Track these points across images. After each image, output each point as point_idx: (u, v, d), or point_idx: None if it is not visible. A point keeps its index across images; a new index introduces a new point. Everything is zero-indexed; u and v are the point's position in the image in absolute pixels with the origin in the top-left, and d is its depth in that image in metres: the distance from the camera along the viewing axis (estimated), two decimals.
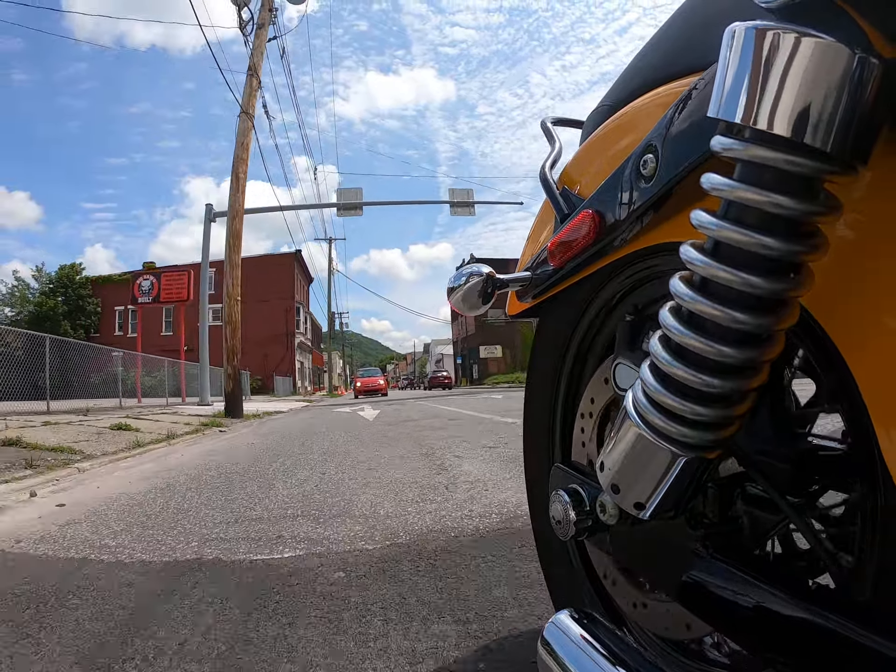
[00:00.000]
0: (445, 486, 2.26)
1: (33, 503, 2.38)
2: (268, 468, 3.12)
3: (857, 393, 0.34)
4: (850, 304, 0.34)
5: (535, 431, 0.77)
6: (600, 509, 0.50)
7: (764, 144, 0.30)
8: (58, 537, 1.77)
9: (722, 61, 0.32)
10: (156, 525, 1.88)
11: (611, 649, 0.47)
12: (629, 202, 0.49)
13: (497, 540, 1.50)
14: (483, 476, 2.43)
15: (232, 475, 2.95)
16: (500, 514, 1.77)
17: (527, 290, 0.67)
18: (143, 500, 2.37)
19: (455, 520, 1.74)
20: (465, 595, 1.14)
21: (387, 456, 3.31)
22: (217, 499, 2.30)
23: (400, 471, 2.73)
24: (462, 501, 1.98)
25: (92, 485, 2.86)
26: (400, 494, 2.16)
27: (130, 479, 3.04)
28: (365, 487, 2.36)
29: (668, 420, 0.38)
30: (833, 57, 0.28)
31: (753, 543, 0.46)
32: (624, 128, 0.56)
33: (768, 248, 0.31)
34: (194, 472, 3.17)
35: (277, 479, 2.72)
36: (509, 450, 3.15)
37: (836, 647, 0.33)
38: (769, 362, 0.36)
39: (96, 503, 2.33)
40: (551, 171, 0.68)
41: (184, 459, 3.86)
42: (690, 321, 0.36)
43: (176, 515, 2.02)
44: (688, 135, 0.41)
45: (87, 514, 2.11)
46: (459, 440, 3.87)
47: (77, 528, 1.90)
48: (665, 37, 0.54)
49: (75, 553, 1.59)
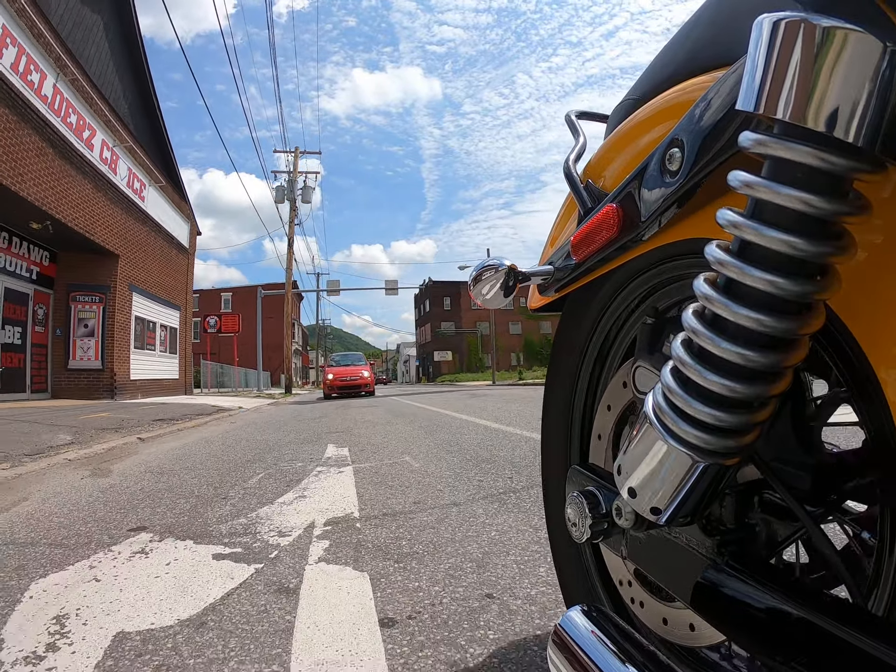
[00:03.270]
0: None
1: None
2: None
3: (882, 398, 0.33)
4: (877, 307, 0.34)
5: (553, 431, 0.76)
6: (616, 513, 0.49)
7: (794, 140, 0.30)
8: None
9: (751, 54, 0.31)
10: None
11: (622, 647, 0.46)
12: (654, 197, 0.48)
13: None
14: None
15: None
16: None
17: (549, 283, 0.66)
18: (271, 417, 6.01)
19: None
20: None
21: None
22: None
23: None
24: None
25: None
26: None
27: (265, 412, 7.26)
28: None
29: (688, 425, 0.37)
30: (864, 49, 0.27)
31: (769, 552, 0.46)
32: (650, 122, 0.55)
33: (796, 249, 0.31)
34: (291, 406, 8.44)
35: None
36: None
37: (852, 662, 0.32)
38: (792, 368, 0.35)
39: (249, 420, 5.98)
40: (575, 164, 0.67)
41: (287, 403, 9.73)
42: (714, 324, 0.35)
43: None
44: (715, 129, 0.40)
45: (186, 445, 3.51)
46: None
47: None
48: (692, 30, 0.53)
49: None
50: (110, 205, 9.88)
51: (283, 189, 19.69)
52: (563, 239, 0.66)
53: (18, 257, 8.68)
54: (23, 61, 7.42)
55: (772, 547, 0.45)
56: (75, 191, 8.67)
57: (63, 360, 9.66)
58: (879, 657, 0.30)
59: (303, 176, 20.33)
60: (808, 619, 0.35)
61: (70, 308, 9.76)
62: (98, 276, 9.97)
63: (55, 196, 8.05)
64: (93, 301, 9.93)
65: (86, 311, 9.88)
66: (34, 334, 9.09)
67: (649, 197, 0.48)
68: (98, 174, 9.38)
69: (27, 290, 8.97)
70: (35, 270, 9.15)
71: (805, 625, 0.35)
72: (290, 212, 19.63)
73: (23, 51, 7.41)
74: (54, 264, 9.67)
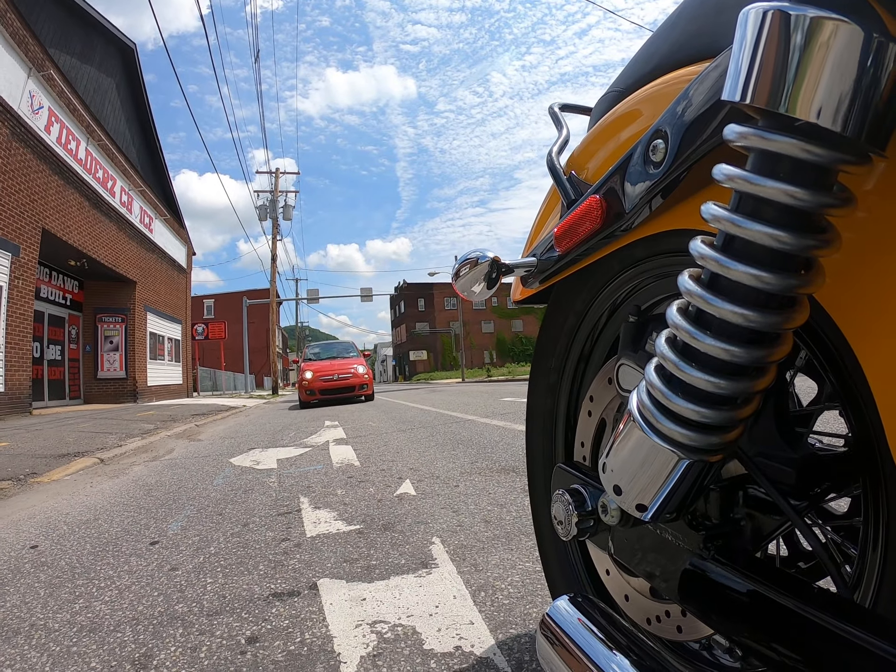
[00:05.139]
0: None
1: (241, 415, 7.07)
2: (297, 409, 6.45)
3: (868, 392, 0.33)
4: (863, 300, 0.33)
5: (538, 430, 0.77)
6: (602, 510, 0.50)
7: (779, 132, 0.30)
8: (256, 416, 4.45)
9: (737, 44, 0.31)
10: (282, 413, 4.55)
11: (609, 634, 0.47)
12: (637, 188, 0.47)
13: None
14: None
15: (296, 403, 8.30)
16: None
17: (532, 275, 0.66)
18: (273, 411, 6.93)
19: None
20: None
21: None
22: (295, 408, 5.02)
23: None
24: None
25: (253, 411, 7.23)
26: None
27: (265, 408, 8.32)
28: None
29: (672, 422, 0.37)
30: (850, 39, 0.27)
31: (755, 546, 0.46)
32: (633, 114, 0.55)
33: (781, 243, 0.31)
34: (283, 404, 9.61)
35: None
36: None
37: (838, 651, 0.32)
38: (777, 363, 0.35)
39: (259, 413, 7.23)
40: (558, 156, 0.67)
41: (278, 402, 10.24)
42: (698, 320, 0.35)
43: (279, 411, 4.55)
44: (700, 121, 0.40)
45: (232, 426, 4.59)
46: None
47: (260, 416, 5.09)
48: (676, 22, 0.52)
49: (263, 417, 5.48)
50: (129, 240, 11.86)
51: (266, 208, 21.72)
52: (547, 231, 0.66)
53: (56, 287, 10.60)
54: (64, 134, 9.36)
55: (757, 541, 0.46)
56: (105, 233, 10.65)
57: (93, 371, 11.63)
58: (866, 647, 0.30)
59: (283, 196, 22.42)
60: (794, 610, 0.35)
61: (97, 327, 11.73)
62: (119, 300, 11.95)
63: (91, 239, 10.03)
64: (116, 321, 11.91)
65: (110, 329, 11.86)
66: (69, 351, 11.03)
67: (633, 188, 0.48)
68: (119, 216, 11.36)
69: (63, 314, 10.89)
70: (69, 297, 11.08)
71: (791, 616, 0.35)
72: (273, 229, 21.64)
73: (63, 125, 9.36)
74: (82, 291, 11.61)
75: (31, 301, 7.90)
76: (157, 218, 13.87)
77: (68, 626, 1.15)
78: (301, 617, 1.10)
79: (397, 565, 1.36)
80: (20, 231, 7.62)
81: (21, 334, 7.60)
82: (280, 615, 1.12)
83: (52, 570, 1.53)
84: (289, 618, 1.10)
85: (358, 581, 1.27)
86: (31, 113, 8.14)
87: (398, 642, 0.97)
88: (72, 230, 9.34)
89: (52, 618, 1.20)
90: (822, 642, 0.33)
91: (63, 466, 3.38)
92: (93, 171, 10.31)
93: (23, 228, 7.70)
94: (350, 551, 1.49)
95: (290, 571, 1.37)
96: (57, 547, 1.77)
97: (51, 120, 8.95)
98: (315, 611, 1.13)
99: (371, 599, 1.16)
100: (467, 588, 1.18)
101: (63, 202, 9.14)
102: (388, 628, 1.03)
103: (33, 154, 8.15)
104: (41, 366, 9.80)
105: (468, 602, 1.11)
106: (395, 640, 0.98)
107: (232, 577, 1.37)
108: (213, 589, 1.30)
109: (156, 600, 1.25)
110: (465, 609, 1.08)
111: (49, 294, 10.28)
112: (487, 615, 1.05)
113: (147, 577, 1.41)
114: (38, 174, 8.27)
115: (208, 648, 1.00)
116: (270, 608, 1.16)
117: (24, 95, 7.93)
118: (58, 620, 1.18)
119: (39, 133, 8.35)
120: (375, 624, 1.05)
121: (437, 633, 0.99)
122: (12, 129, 7.53)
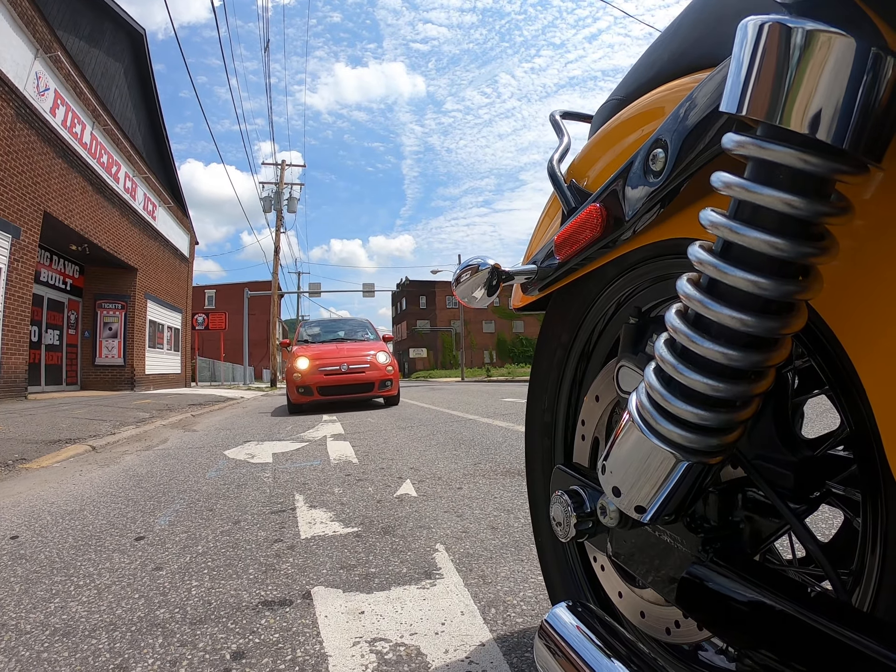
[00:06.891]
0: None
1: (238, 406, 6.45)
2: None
3: (863, 396, 0.33)
4: (860, 308, 0.34)
5: (537, 431, 0.77)
6: (601, 512, 0.50)
7: (777, 141, 0.30)
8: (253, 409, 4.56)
9: (735, 56, 0.31)
10: (281, 406, 4.87)
11: (607, 641, 0.47)
12: (637, 197, 0.48)
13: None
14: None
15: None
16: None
17: (532, 282, 0.66)
18: (271, 403, 6.22)
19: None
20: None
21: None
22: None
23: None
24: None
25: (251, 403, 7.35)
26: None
27: (263, 400, 7.69)
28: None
29: (672, 424, 0.37)
30: (847, 52, 0.27)
31: (754, 548, 0.46)
32: (634, 122, 0.55)
33: (778, 250, 0.31)
34: (281, 397, 9.38)
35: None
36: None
37: (836, 656, 0.32)
38: (775, 367, 0.35)
39: (256, 405, 6.95)
40: (559, 164, 0.67)
41: (276, 394, 9.96)
42: (697, 323, 0.36)
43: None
44: (699, 130, 0.40)
45: (228, 417, 4.54)
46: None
47: (257, 408, 4.91)
48: (677, 32, 0.52)
49: (260, 409, 5.40)
50: (131, 227, 11.75)
51: (270, 199, 21.62)
52: (547, 238, 0.66)
53: (56, 272, 10.50)
54: (69, 117, 9.26)
55: (756, 543, 0.46)
56: (107, 218, 10.54)
57: (91, 357, 11.53)
58: (864, 651, 0.30)
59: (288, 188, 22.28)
60: (793, 614, 0.35)
61: (97, 314, 11.62)
62: (120, 287, 11.84)
63: (93, 224, 9.92)
64: (116, 308, 11.81)
65: (110, 316, 11.75)
66: (68, 336, 10.93)
67: (633, 197, 0.48)
68: (122, 202, 11.25)
69: (62, 299, 10.79)
70: (69, 282, 10.97)
71: (790, 620, 0.35)
72: (277, 221, 21.55)
73: (69, 108, 9.25)
74: (83, 276, 11.50)
75: (31, 284, 7.80)
76: (161, 205, 13.75)
77: (41, 628, 1.05)
78: (293, 630, 1.00)
79: (399, 574, 1.26)
80: (21, 213, 7.51)
81: (19, 317, 7.51)
82: (270, 627, 1.02)
83: (29, 564, 1.44)
84: (279, 630, 1.00)
85: (356, 591, 1.17)
86: (37, 94, 8.03)
87: (401, 665, 0.87)
88: (74, 214, 9.24)
89: (25, 618, 1.10)
90: (820, 646, 0.33)
91: (53, 453, 3.28)
92: (97, 155, 10.20)
93: (24, 211, 7.58)
94: (347, 556, 1.39)
95: (283, 577, 1.27)
96: (38, 538, 1.68)
97: (56, 102, 8.84)
98: (308, 624, 1.03)
99: (370, 613, 1.06)
100: (476, 603, 1.08)
101: (66, 186, 9.03)
102: (390, 648, 0.92)
103: (38, 136, 8.04)
104: (39, 350, 9.69)
105: (478, 620, 1.01)
106: (398, 661, 0.88)
107: (219, 580, 1.27)
108: (198, 593, 1.20)
109: (136, 603, 1.15)
110: (474, 628, 0.98)
111: (49, 278, 10.18)
112: (500, 636, 0.95)
113: (129, 577, 1.31)
114: (41, 156, 8.15)
115: (189, 663, 0.90)
116: (260, 618, 1.06)
117: (30, 76, 7.82)
118: (30, 621, 1.09)
119: (45, 115, 8.24)
120: (375, 642, 0.95)
121: (445, 656, 0.89)
122: (17, 110, 7.42)
